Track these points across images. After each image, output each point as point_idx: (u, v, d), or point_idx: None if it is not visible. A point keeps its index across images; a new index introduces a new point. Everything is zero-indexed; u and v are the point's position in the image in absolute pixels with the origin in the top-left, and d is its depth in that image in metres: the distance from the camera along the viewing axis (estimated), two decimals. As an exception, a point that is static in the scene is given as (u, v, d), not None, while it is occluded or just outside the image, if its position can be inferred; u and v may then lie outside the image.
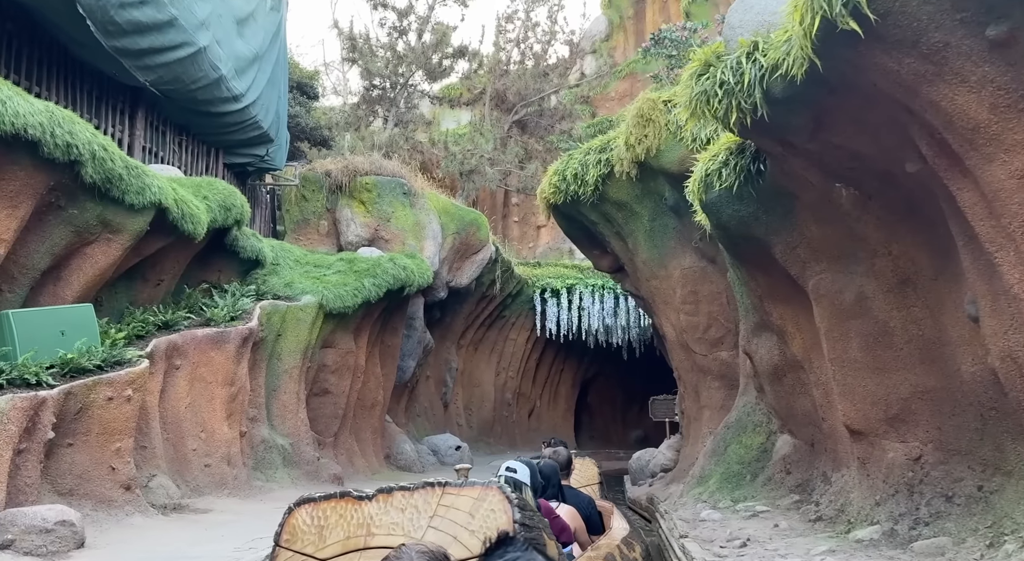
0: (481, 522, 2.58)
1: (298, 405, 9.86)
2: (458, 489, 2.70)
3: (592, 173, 11.97)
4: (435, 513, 2.65)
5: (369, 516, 2.69)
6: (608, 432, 25.67)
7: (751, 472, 8.24)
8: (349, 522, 2.69)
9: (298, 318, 9.75)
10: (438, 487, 2.73)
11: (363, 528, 2.67)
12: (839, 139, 4.74)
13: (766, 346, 7.78)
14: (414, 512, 2.65)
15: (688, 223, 10.98)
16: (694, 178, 6.68)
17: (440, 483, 2.77)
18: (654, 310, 12.66)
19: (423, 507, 2.66)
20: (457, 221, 15.06)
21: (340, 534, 2.68)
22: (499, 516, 2.59)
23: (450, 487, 2.73)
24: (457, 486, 2.74)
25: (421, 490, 2.72)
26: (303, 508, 2.79)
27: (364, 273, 10.68)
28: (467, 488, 2.69)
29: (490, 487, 2.71)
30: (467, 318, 19.17)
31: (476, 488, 2.68)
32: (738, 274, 7.69)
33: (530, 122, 22.74)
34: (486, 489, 2.67)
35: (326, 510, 2.73)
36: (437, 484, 2.76)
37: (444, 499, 2.68)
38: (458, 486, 2.74)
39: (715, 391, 11.26)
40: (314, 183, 13.53)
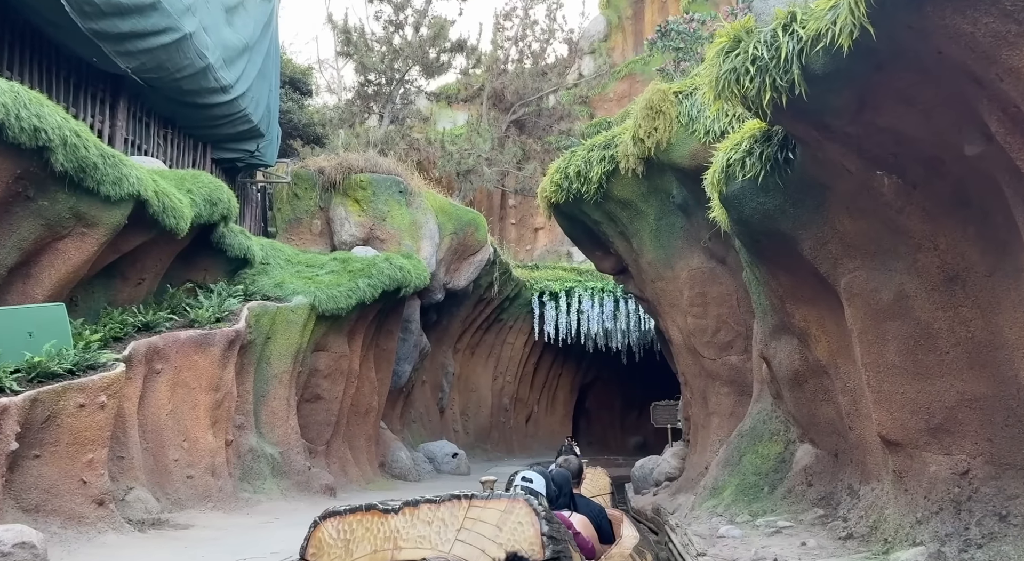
0: (509, 535, 2.55)
1: (288, 412, 9.35)
2: (484, 501, 2.67)
3: (596, 170, 11.54)
4: (462, 526, 2.62)
5: (396, 529, 2.67)
6: (607, 438, 25.24)
7: (769, 484, 7.76)
8: (376, 535, 2.67)
9: (288, 320, 9.24)
10: (464, 499, 2.71)
11: (390, 541, 2.65)
12: (885, 120, 4.28)
13: (785, 350, 7.32)
14: (441, 525, 2.62)
15: (697, 222, 10.54)
16: (713, 169, 6.22)
17: (467, 495, 2.74)
18: (659, 313, 12.20)
19: (450, 520, 2.63)
20: (455, 221, 14.59)
21: (367, 548, 2.65)
22: (527, 529, 2.55)
23: (476, 499, 2.70)
24: (484, 498, 2.71)
25: (448, 503, 2.69)
26: (329, 521, 2.75)
27: (358, 273, 10.19)
28: (493, 501, 2.66)
29: (517, 500, 2.66)
30: (464, 321, 18.70)
31: (503, 500, 2.65)
32: (756, 274, 7.24)
33: (528, 122, 22.31)
34: (513, 502, 2.63)
35: (352, 523, 2.70)
36: (464, 496, 2.74)
37: (471, 512, 2.65)
38: (484, 498, 2.71)
39: (724, 397, 10.80)
40: (307, 181, 13.04)
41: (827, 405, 6.96)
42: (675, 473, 13.24)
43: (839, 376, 6.51)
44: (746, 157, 5.71)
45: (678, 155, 8.77)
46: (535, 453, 20.82)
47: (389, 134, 15.74)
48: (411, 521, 2.64)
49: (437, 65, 16.72)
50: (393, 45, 16.12)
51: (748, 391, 10.52)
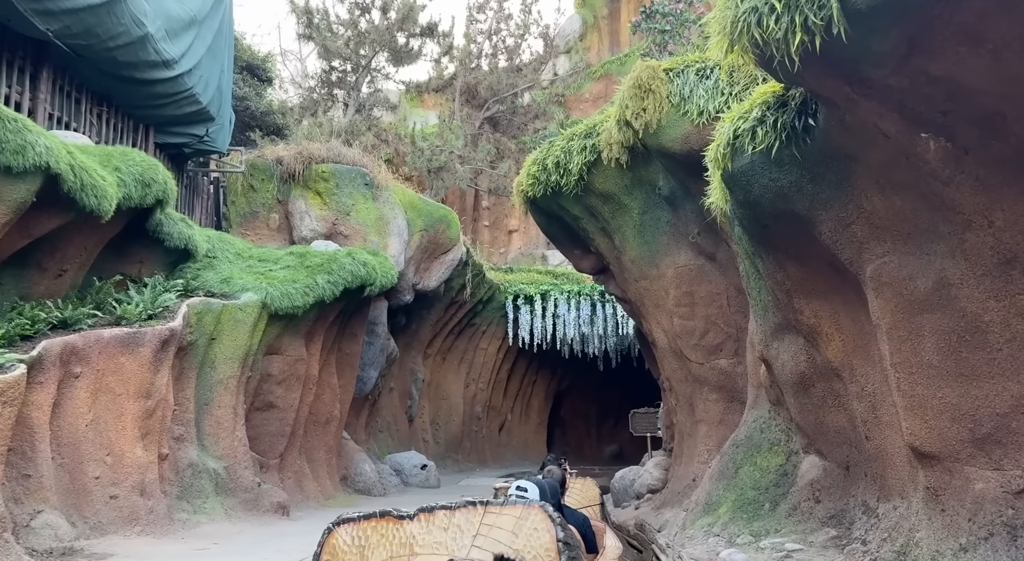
0: (525, 541, 2.56)
1: (235, 422, 8.38)
2: (499, 508, 2.67)
3: (576, 161, 10.78)
4: (478, 532, 2.63)
5: (412, 535, 2.68)
6: (582, 447, 24.53)
7: (770, 499, 7.00)
8: (391, 542, 2.65)
9: (236, 319, 8.29)
10: (480, 506, 2.73)
11: (406, 548, 2.64)
12: (939, 67, 3.54)
13: (790, 351, 6.57)
14: (457, 531, 2.63)
15: (684, 215, 9.80)
16: (717, 143, 5.46)
17: (482, 502, 2.76)
18: (643, 314, 11.45)
19: (466, 526, 2.64)
20: (425, 217, 13.71)
21: (383, 554, 2.63)
22: (542, 535, 2.57)
23: (491, 506, 2.71)
24: (498, 505, 2.71)
25: (463, 509, 2.72)
26: (343, 528, 2.72)
27: (317, 269, 9.27)
28: (508, 507, 2.67)
29: (532, 507, 2.67)
30: (435, 325, 17.82)
31: (518, 507, 2.65)
32: (759, 266, 6.48)
33: (502, 120, 21.54)
34: (528, 508, 2.64)
35: (366, 530, 2.67)
36: (479, 503, 2.75)
37: (486, 518, 2.66)
38: (499, 505, 2.72)
39: (712, 404, 10.07)
40: (263, 171, 12.07)
41: (837, 412, 6.23)
42: (658, 485, 12.49)
43: (854, 379, 5.77)
44: (757, 126, 4.95)
45: (668, 138, 8.01)
46: (508, 463, 19.98)
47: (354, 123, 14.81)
48: (427, 527, 2.65)
49: (406, 51, 15.85)
50: (359, 29, 15.20)
51: (739, 397, 9.81)
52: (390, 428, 16.44)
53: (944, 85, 3.64)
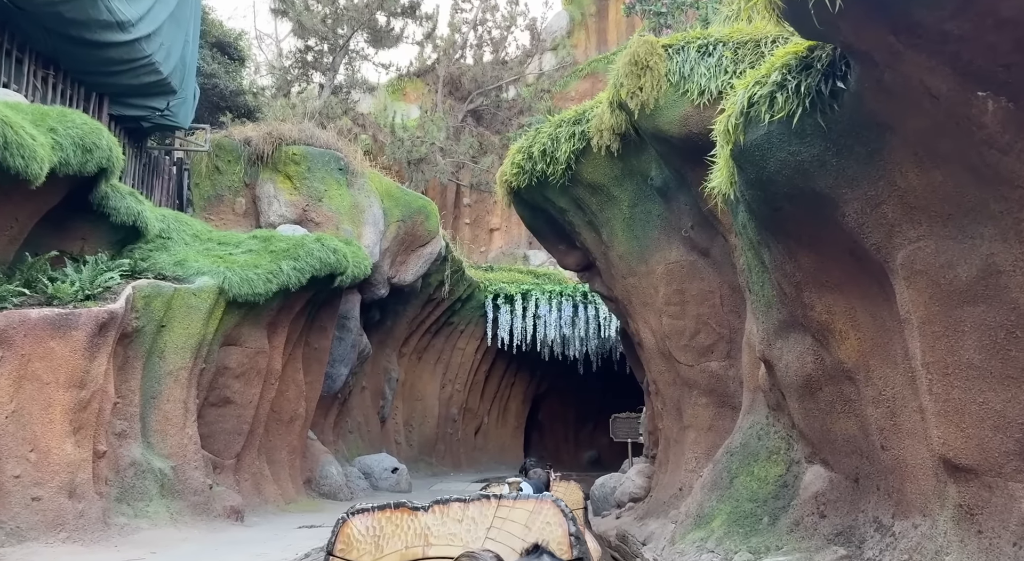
0: (537, 534, 2.57)
1: (186, 417, 7.65)
2: (512, 502, 2.71)
3: (564, 148, 10.19)
4: (492, 525, 2.66)
5: (426, 526, 2.70)
6: (560, 452, 23.95)
7: (769, 513, 6.41)
8: (406, 532, 2.67)
9: (190, 305, 7.56)
10: (493, 499, 2.77)
11: (421, 538, 2.67)
12: (1010, 7, 2.98)
13: (795, 351, 5.99)
14: (471, 523, 2.66)
15: (678, 208, 9.23)
16: (728, 113, 4.86)
17: (496, 496, 2.79)
18: (629, 313, 10.87)
19: (480, 519, 2.67)
20: (403, 207, 13.03)
21: (398, 544, 2.65)
22: (555, 529, 2.60)
23: (505, 500, 2.76)
24: (511, 499, 2.75)
25: (476, 502, 2.76)
26: (357, 518, 2.69)
27: (283, 254, 8.56)
28: (521, 501, 2.71)
29: (545, 501, 2.71)
30: (411, 323, 17.13)
31: (530, 501, 2.70)
32: (763, 257, 5.90)
33: (486, 114, 20.92)
34: (541, 503, 2.70)
35: (381, 520, 2.68)
36: (493, 497, 2.78)
37: (500, 511, 2.70)
38: (512, 499, 2.75)
39: (702, 409, 9.51)
40: (230, 152, 11.32)
41: (847, 418, 5.66)
42: (640, 493, 11.90)
43: (870, 382, 5.21)
44: (776, 92, 4.36)
45: (666, 120, 7.42)
46: (484, 468, 19.32)
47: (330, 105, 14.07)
48: (442, 519, 2.67)
49: (386, 31, 15.15)
50: (337, 5, 14.44)
51: (730, 402, 9.25)
52: (361, 429, 15.71)
53: (1014, 31, 3.08)
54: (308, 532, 7.45)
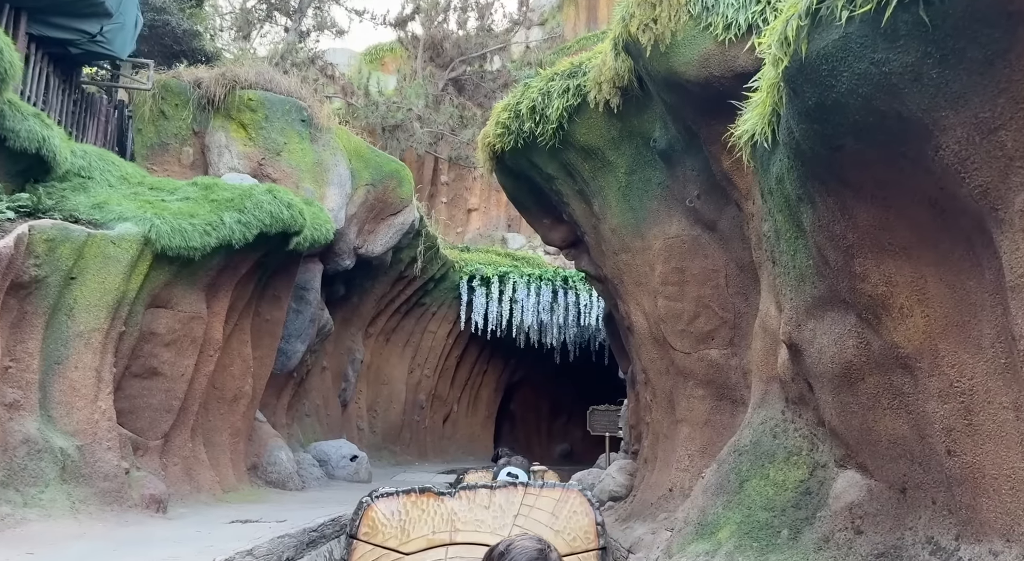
0: (565, 522, 2.57)
1: (99, 388, 6.42)
2: (538, 490, 2.69)
3: (556, 105, 9.09)
4: (518, 512, 2.62)
5: (453, 512, 2.66)
6: (531, 445, 22.96)
7: (789, 525, 5.38)
8: (433, 517, 2.63)
9: (107, 255, 6.33)
10: (520, 487, 2.72)
11: (448, 523, 2.63)
12: None
13: (833, 333, 4.94)
14: (498, 510, 2.63)
15: (682, 175, 8.15)
16: (782, 18, 3.77)
17: (522, 483, 2.78)
18: (620, 294, 9.81)
19: (507, 506, 2.64)
20: (373, 170, 11.82)
21: (424, 529, 2.62)
22: (581, 518, 2.62)
23: (531, 488, 2.71)
24: (537, 487, 2.72)
25: (503, 489, 2.70)
26: (381, 501, 2.67)
27: (226, 205, 7.34)
28: (547, 489, 2.69)
29: (571, 490, 2.68)
30: (379, 301, 15.95)
31: (556, 490, 2.68)
32: (802, 216, 4.84)
33: (468, 84, 19.71)
34: (567, 491, 2.67)
35: (406, 504, 2.65)
36: (520, 484, 2.75)
37: (526, 499, 2.65)
38: (538, 487, 2.72)
39: (698, 401, 8.49)
40: (178, 95, 10.02)
41: (896, 416, 4.63)
42: (621, 492, 10.88)
43: (938, 371, 4.18)
44: (859, -21, 3.27)
45: (682, 60, 6.31)
46: (452, 458, 18.24)
47: (292, 48, 12.73)
48: (469, 505, 2.62)
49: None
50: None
51: (730, 394, 8.24)
52: (319, 413, 14.51)
53: None
54: (240, 529, 6.28)
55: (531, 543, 1.58)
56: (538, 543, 1.59)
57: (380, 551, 2.57)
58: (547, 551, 1.57)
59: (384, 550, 2.57)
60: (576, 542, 2.58)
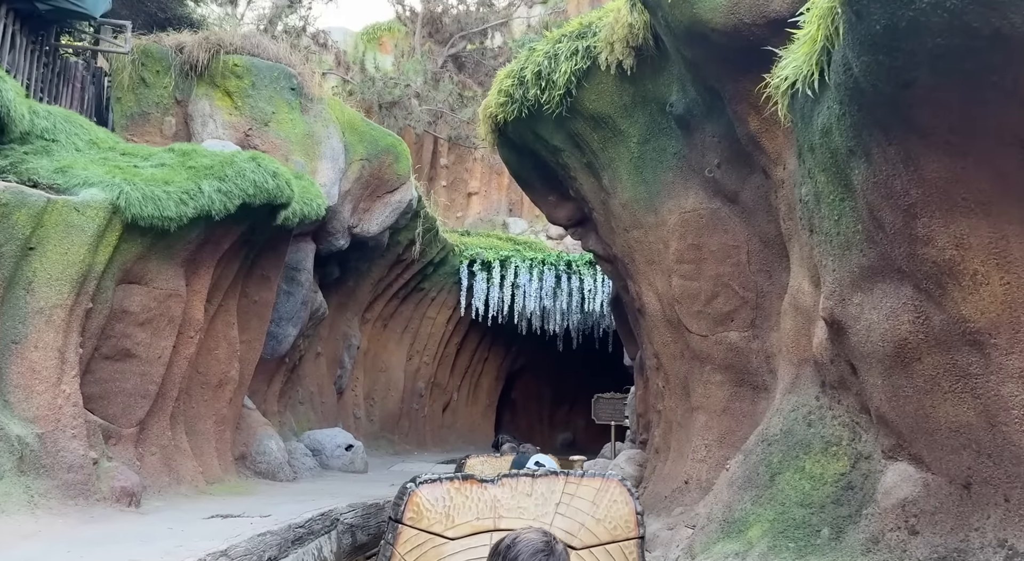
0: (605, 511, 2.61)
1: (62, 370, 5.82)
2: (579, 479, 2.73)
3: (564, 69, 8.48)
4: (560, 501, 2.66)
5: (496, 499, 2.69)
6: (532, 434, 22.43)
7: (830, 523, 4.79)
8: (476, 504, 2.68)
9: (69, 224, 5.71)
10: (561, 476, 2.75)
11: (492, 510, 2.68)
12: None
13: (884, 307, 4.35)
14: (540, 498, 2.67)
15: (701, 141, 7.52)
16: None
17: (563, 472, 2.77)
18: (631, 274, 9.22)
19: (548, 494, 2.68)
20: (368, 144, 11.18)
21: (468, 515, 2.67)
22: (621, 507, 2.63)
23: (572, 477, 2.74)
24: (578, 476, 2.74)
25: (544, 478, 2.73)
26: (424, 487, 2.69)
27: (205, 172, 6.72)
28: (588, 479, 2.72)
29: (611, 480, 2.71)
30: (376, 285, 15.36)
31: (596, 479, 2.70)
32: (851, 173, 4.23)
33: (469, 61, 19.03)
34: (607, 481, 2.69)
35: (450, 491, 2.68)
36: (560, 473, 2.76)
37: (567, 488, 2.67)
38: (579, 476, 2.75)
39: (715, 387, 7.93)
40: (159, 61, 9.38)
41: (960, 400, 4.05)
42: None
43: (1020, 347, 3.61)
44: None
45: (707, 6, 5.67)
46: (451, 447, 17.68)
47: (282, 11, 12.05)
48: (511, 493, 2.66)
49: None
50: None
51: (751, 380, 7.66)
52: (313, 400, 13.93)
53: None
54: (218, 525, 5.70)
55: (537, 536, 1.61)
56: (544, 536, 1.61)
57: (425, 536, 2.63)
58: (553, 544, 1.59)
59: (429, 535, 2.62)
60: (617, 530, 2.60)
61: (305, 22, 13.16)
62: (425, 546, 2.60)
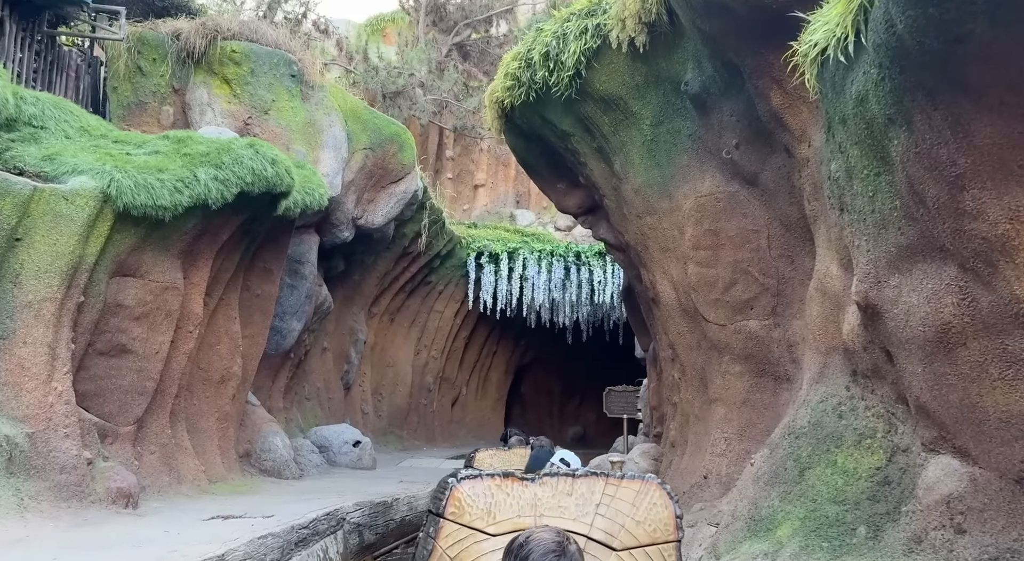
0: (645, 514, 2.62)
1: (53, 367, 5.57)
2: (618, 480, 2.71)
3: (572, 49, 8.16)
4: (600, 501, 2.68)
5: (536, 497, 2.69)
6: (542, 428, 22.11)
7: (867, 521, 4.48)
8: (518, 501, 2.71)
9: (58, 213, 5.44)
10: (601, 476, 2.72)
11: (533, 508, 2.70)
12: None
13: (925, 289, 4.03)
14: (581, 499, 2.69)
15: (719, 121, 7.18)
16: None
17: (603, 473, 2.74)
18: (644, 262, 8.91)
19: (588, 495, 2.68)
20: (371, 133, 10.89)
21: (510, 512, 2.69)
22: (661, 510, 2.63)
23: (611, 478, 2.72)
24: (617, 477, 2.73)
25: (584, 478, 2.73)
26: (465, 483, 2.70)
27: (200, 159, 6.44)
28: (627, 480, 2.70)
29: (650, 482, 2.69)
30: (382, 278, 15.08)
31: (636, 481, 2.70)
32: (889, 143, 3.91)
33: (474, 49, 18.70)
34: (647, 483, 2.68)
35: (491, 487, 2.70)
36: (600, 474, 2.73)
37: (607, 489, 2.69)
38: (618, 477, 2.73)
39: (735, 378, 7.63)
40: (155, 49, 9.10)
41: (1011, 388, 3.74)
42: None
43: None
44: None
45: (728, -28, 5.34)
46: (460, 443, 17.42)
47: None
48: (552, 492, 2.69)
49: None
50: None
51: (772, 371, 7.34)
52: (320, 396, 13.68)
53: None
54: (218, 527, 5.44)
55: (550, 535, 1.63)
56: (557, 535, 1.63)
57: (467, 531, 2.66)
58: (565, 544, 1.60)
59: (471, 530, 2.66)
60: (657, 533, 2.58)
61: (306, 8, 12.89)
62: (467, 541, 2.63)
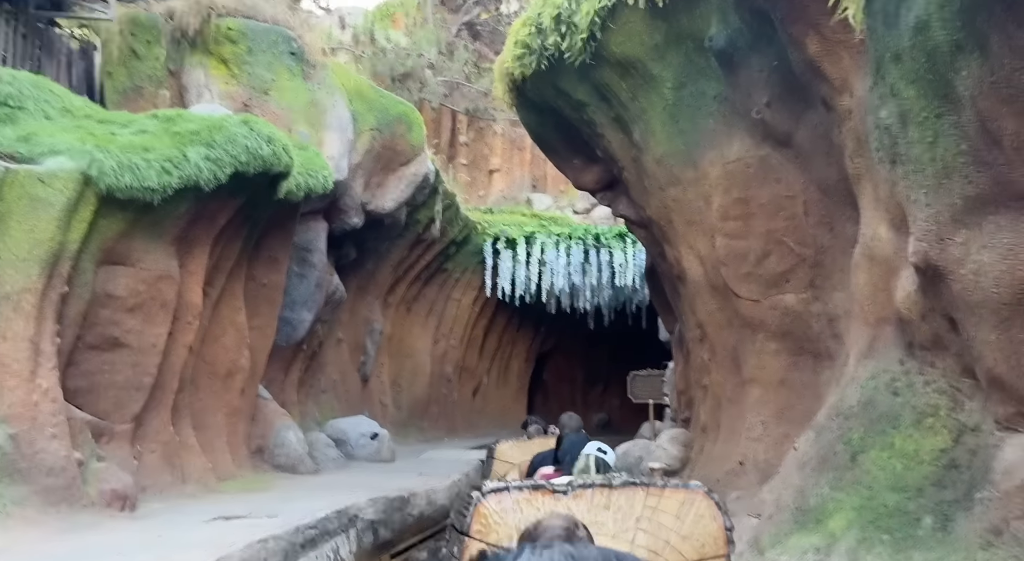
0: (691, 528, 2.43)
1: (37, 362, 5.20)
2: (661, 490, 2.53)
3: (586, 10, 7.66)
4: (641, 514, 2.48)
5: (571, 511, 2.33)
6: (566, 416, 21.71)
7: (932, 510, 3.97)
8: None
9: (34, 197, 5.06)
10: (641, 487, 2.55)
11: None
12: None
13: (1000, 245, 3.51)
14: (620, 512, 2.50)
15: (747, 78, 6.58)
16: None
17: (642, 482, 2.58)
18: (668, 238, 8.39)
19: (628, 508, 2.49)
20: (378, 113, 10.43)
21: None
22: (709, 523, 2.42)
23: (653, 488, 2.55)
24: (660, 487, 2.55)
25: (622, 488, 2.54)
26: (491, 497, 2.50)
27: (190, 138, 6.02)
28: (671, 490, 2.52)
29: (697, 491, 2.49)
30: (396, 267, 14.66)
31: (680, 490, 2.51)
32: (954, 78, 3.37)
33: (484, 30, 18.18)
34: (692, 493, 2.48)
35: (519, 501, 2.50)
36: (639, 483, 2.56)
37: (648, 500, 2.50)
38: (660, 487, 2.55)
39: (770, 357, 7.14)
40: (149, 31, 8.71)
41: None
42: (675, 465, 9.54)
43: None
44: None
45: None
46: (482, 432, 17.02)
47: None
48: (587, 506, 2.48)
49: None
50: None
51: (811, 347, 6.82)
52: (337, 388, 13.32)
53: None
54: (216, 529, 5.05)
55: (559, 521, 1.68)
56: (565, 522, 1.68)
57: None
58: (574, 529, 1.65)
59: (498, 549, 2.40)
60: (705, 549, 2.38)
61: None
62: None
